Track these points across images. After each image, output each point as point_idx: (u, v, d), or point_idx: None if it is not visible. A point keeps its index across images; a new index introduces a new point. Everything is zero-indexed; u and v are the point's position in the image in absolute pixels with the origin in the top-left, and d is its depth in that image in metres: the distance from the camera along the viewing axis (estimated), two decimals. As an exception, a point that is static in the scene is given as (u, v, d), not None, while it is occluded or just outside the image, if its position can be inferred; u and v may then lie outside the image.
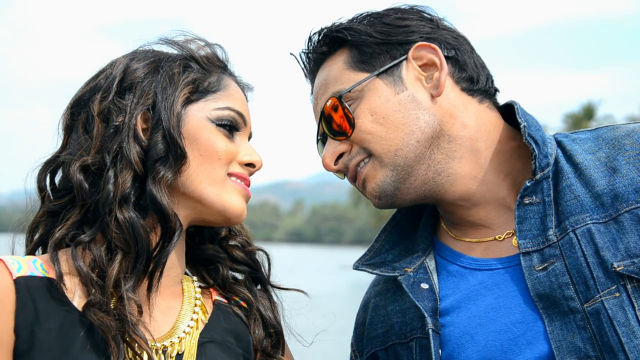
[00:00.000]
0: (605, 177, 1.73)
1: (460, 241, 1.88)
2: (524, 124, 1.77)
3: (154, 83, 1.68)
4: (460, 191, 1.82)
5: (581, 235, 1.69)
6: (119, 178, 1.61)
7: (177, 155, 1.64)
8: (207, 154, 1.68)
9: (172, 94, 1.67)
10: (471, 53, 1.89)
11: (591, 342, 1.63)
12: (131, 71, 1.69)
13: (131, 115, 1.65)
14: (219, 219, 1.72)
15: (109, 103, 1.66)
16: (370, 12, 1.90)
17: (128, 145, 1.63)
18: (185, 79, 1.70)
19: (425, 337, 1.79)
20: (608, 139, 1.79)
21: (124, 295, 1.56)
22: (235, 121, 1.73)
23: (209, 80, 1.74)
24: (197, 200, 1.68)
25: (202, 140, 1.68)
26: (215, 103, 1.72)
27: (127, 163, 1.62)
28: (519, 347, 1.68)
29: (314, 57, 1.92)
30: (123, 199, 1.60)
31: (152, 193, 1.61)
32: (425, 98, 1.82)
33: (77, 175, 1.63)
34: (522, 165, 1.83)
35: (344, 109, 1.82)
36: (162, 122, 1.65)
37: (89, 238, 1.60)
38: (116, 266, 1.58)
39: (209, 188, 1.68)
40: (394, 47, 1.84)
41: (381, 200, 1.85)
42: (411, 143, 1.79)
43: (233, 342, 1.71)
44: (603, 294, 1.64)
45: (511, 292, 1.74)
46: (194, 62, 1.75)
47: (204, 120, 1.70)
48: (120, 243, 1.59)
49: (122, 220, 1.59)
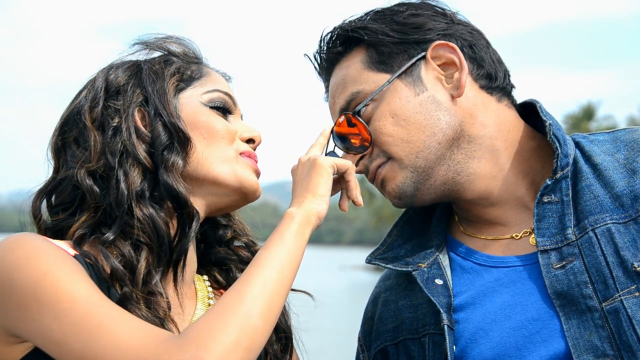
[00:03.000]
0: (625, 178, 1.73)
1: (476, 238, 1.88)
2: (550, 122, 1.77)
3: (140, 81, 1.70)
4: (479, 190, 1.82)
5: (601, 235, 1.69)
6: (129, 176, 1.61)
7: (182, 141, 1.65)
8: (210, 135, 1.69)
9: (161, 85, 1.69)
10: (487, 48, 1.88)
11: (609, 340, 1.63)
12: (113, 79, 1.70)
13: (127, 114, 1.66)
14: (236, 198, 1.72)
15: (100, 110, 1.67)
16: (382, 8, 1.88)
17: (131, 142, 1.63)
18: (170, 70, 1.72)
19: (438, 333, 1.78)
20: (627, 141, 1.79)
21: (153, 290, 1.56)
22: (226, 102, 1.75)
23: (191, 69, 1.76)
24: (212, 181, 1.68)
25: (201, 123, 1.69)
26: (203, 87, 1.74)
27: (134, 159, 1.62)
28: (534, 344, 1.68)
29: (329, 57, 1.91)
30: (139, 194, 1.60)
31: (167, 182, 1.61)
32: (446, 99, 1.81)
33: (86, 181, 1.62)
34: (541, 165, 1.83)
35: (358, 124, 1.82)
36: (159, 113, 1.66)
37: (114, 236, 1.59)
38: (144, 262, 1.58)
39: (221, 166, 1.68)
40: (411, 46, 1.83)
41: (401, 201, 1.85)
42: (432, 145, 1.79)
43: None
44: (622, 293, 1.63)
45: (528, 289, 1.73)
46: (172, 56, 1.77)
47: (198, 105, 1.71)
48: (144, 239, 1.60)
49: (142, 217, 1.59)
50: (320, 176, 1.67)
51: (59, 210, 1.67)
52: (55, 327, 1.40)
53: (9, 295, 1.45)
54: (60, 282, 1.43)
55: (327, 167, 1.69)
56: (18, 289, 1.44)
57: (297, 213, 1.61)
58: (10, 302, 1.44)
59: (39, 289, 1.42)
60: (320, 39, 1.91)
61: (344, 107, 1.86)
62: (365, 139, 1.83)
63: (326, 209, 1.66)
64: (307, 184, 1.67)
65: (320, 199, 1.65)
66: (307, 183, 1.67)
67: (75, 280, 1.44)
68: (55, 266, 1.45)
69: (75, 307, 1.41)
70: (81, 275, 1.46)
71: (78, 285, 1.44)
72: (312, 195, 1.65)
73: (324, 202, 1.65)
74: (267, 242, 1.58)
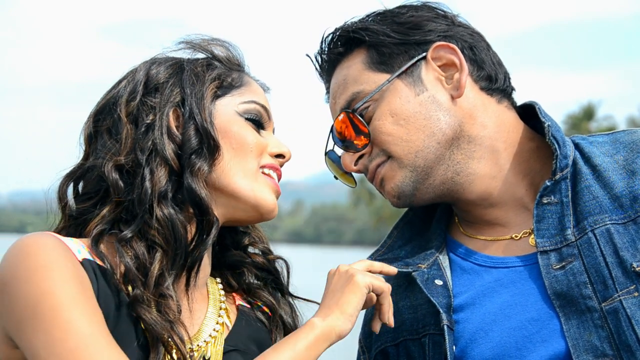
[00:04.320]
0: (624, 179, 1.74)
1: (475, 239, 1.88)
2: (549, 124, 1.78)
3: (181, 81, 1.69)
4: (479, 191, 1.83)
5: (600, 235, 1.69)
6: (155, 175, 1.61)
7: (211, 147, 1.64)
8: (239, 147, 1.69)
9: (200, 88, 1.69)
10: (487, 50, 1.89)
11: (608, 340, 1.63)
12: (154, 74, 1.70)
13: (162, 113, 1.65)
14: (251, 215, 1.71)
15: (137, 104, 1.66)
16: (383, 10, 1.89)
17: (162, 142, 1.63)
18: (211, 75, 1.72)
19: (438, 333, 1.79)
20: (626, 143, 1.80)
21: (165, 293, 1.56)
22: (261, 115, 1.75)
23: (231, 76, 1.75)
24: (231, 194, 1.67)
25: (233, 133, 1.69)
26: (241, 97, 1.74)
27: (162, 159, 1.62)
28: (533, 345, 1.69)
29: (330, 58, 1.92)
30: (161, 195, 1.60)
31: (191, 186, 1.61)
32: (446, 99, 1.82)
33: (112, 175, 1.62)
34: (540, 166, 1.84)
35: (357, 122, 1.83)
36: (193, 116, 1.66)
37: (131, 234, 1.59)
38: (157, 264, 1.57)
39: (242, 181, 1.68)
40: (412, 47, 1.84)
41: (400, 200, 1.86)
42: (432, 145, 1.80)
43: (255, 350, 1.70)
44: (622, 293, 1.64)
45: (527, 289, 1.74)
46: (215, 61, 1.76)
47: (233, 114, 1.71)
48: (159, 240, 1.59)
49: (161, 217, 1.59)
50: (354, 294, 1.62)
51: (84, 199, 1.67)
52: (42, 353, 1.41)
53: (11, 304, 1.45)
54: (59, 308, 1.43)
55: (363, 286, 1.63)
56: (20, 302, 1.44)
57: (319, 326, 1.58)
58: (12, 311, 1.45)
59: (38, 309, 1.43)
60: (322, 39, 1.91)
61: (345, 107, 1.86)
62: (365, 137, 1.83)
63: (350, 329, 1.62)
64: (339, 298, 1.62)
65: (347, 317, 1.60)
66: (339, 297, 1.62)
67: (75, 306, 1.44)
68: (59, 287, 1.44)
69: (66, 339, 1.41)
70: (83, 299, 1.46)
71: (76, 314, 1.43)
72: (339, 312, 1.60)
73: (350, 321, 1.61)
74: (280, 343, 1.58)
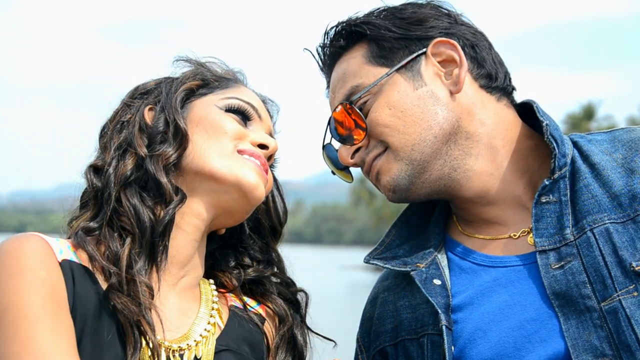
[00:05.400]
0: (623, 178, 1.74)
1: (473, 238, 1.88)
2: (547, 122, 1.78)
3: (164, 85, 1.76)
4: (477, 188, 1.83)
5: (599, 235, 1.69)
6: (120, 163, 1.65)
7: (176, 131, 1.67)
8: (213, 130, 1.70)
9: (176, 86, 1.74)
10: (489, 49, 1.90)
11: (608, 340, 1.63)
12: (142, 85, 1.79)
13: (137, 110, 1.72)
14: (235, 196, 1.69)
15: (120, 107, 1.75)
16: (387, 6, 1.90)
17: (132, 133, 1.68)
18: (195, 77, 1.77)
19: (437, 333, 1.78)
20: (625, 141, 1.80)
21: (134, 276, 1.57)
22: (245, 109, 1.75)
23: (218, 80, 1.79)
24: (209, 176, 1.67)
25: (208, 119, 1.71)
26: (224, 95, 1.76)
27: (131, 149, 1.67)
28: (532, 344, 1.68)
29: (331, 51, 1.92)
30: (125, 181, 1.64)
31: (150, 170, 1.64)
32: (444, 94, 1.82)
33: (89, 175, 1.68)
34: (539, 165, 1.84)
35: (355, 115, 1.83)
36: (164, 108, 1.70)
37: (96, 225, 1.62)
38: (126, 249, 1.60)
39: (217, 161, 1.67)
40: (412, 42, 1.84)
41: (395, 194, 1.85)
42: (428, 138, 1.80)
43: (248, 351, 1.71)
44: (621, 293, 1.64)
45: (526, 289, 1.73)
46: (207, 71, 1.81)
47: (212, 106, 1.73)
48: (127, 226, 1.62)
49: (125, 204, 1.63)
50: None
51: (81, 206, 1.71)
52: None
53: None
54: (22, 321, 1.45)
55: None
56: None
57: None
58: None
59: (4, 319, 1.46)
60: (324, 33, 1.92)
61: (343, 100, 1.86)
62: (362, 130, 1.83)
63: None
64: None
65: None
66: None
67: (40, 321, 1.46)
68: (26, 300, 1.47)
69: (25, 354, 1.43)
70: (51, 313, 1.47)
71: (39, 328, 1.45)
72: None
73: None
74: None
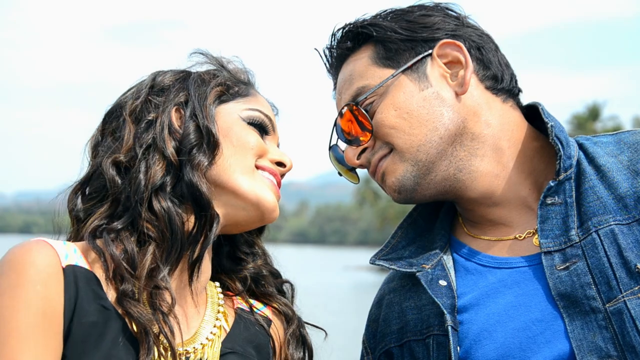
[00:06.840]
0: (628, 179, 1.74)
1: (479, 239, 1.88)
2: (552, 124, 1.78)
3: (186, 84, 1.74)
4: (482, 189, 1.83)
5: (604, 236, 1.69)
6: (151, 168, 1.62)
7: (211, 143, 1.66)
8: (240, 145, 1.71)
9: (204, 90, 1.72)
10: (495, 51, 1.90)
11: (612, 341, 1.63)
12: (160, 79, 1.75)
13: (164, 110, 1.69)
14: (252, 215, 1.71)
15: (140, 102, 1.70)
16: (394, 8, 1.91)
17: (162, 136, 1.65)
18: (217, 81, 1.76)
19: (442, 334, 1.79)
20: (630, 143, 1.80)
21: (159, 284, 1.56)
22: (265, 123, 1.77)
23: (238, 86, 1.79)
24: (232, 191, 1.68)
25: (234, 133, 1.71)
26: (245, 105, 1.77)
27: (159, 154, 1.64)
28: (537, 345, 1.68)
29: (338, 53, 1.93)
30: (158, 187, 1.62)
31: (191, 180, 1.63)
32: (450, 95, 1.83)
33: (109, 171, 1.64)
34: (544, 166, 1.84)
35: (361, 116, 1.84)
36: (195, 114, 1.68)
37: (122, 225, 1.60)
38: (149, 257, 1.58)
39: (242, 177, 1.69)
40: (419, 44, 1.85)
41: (400, 195, 1.86)
42: (434, 139, 1.80)
43: (253, 353, 1.71)
44: (626, 294, 1.64)
45: (531, 290, 1.74)
46: (224, 71, 1.80)
47: (236, 118, 1.74)
48: (153, 233, 1.60)
49: (158, 209, 1.60)
50: None
51: (89, 199, 1.68)
52: None
53: None
54: (8, 338, 1.44)
55: None
56: None
57: None
58: None
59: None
60: (331, 34, 1.93)
61: (349, 102, 1.87)
62: (368, 132, 1.84)
63: None
64: None
65: None
66: None
67: (26, 339, 1.45)
68: (16, 316, 1.45)
69: None
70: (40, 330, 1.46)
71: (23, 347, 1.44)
72: None
73: None
74: None
